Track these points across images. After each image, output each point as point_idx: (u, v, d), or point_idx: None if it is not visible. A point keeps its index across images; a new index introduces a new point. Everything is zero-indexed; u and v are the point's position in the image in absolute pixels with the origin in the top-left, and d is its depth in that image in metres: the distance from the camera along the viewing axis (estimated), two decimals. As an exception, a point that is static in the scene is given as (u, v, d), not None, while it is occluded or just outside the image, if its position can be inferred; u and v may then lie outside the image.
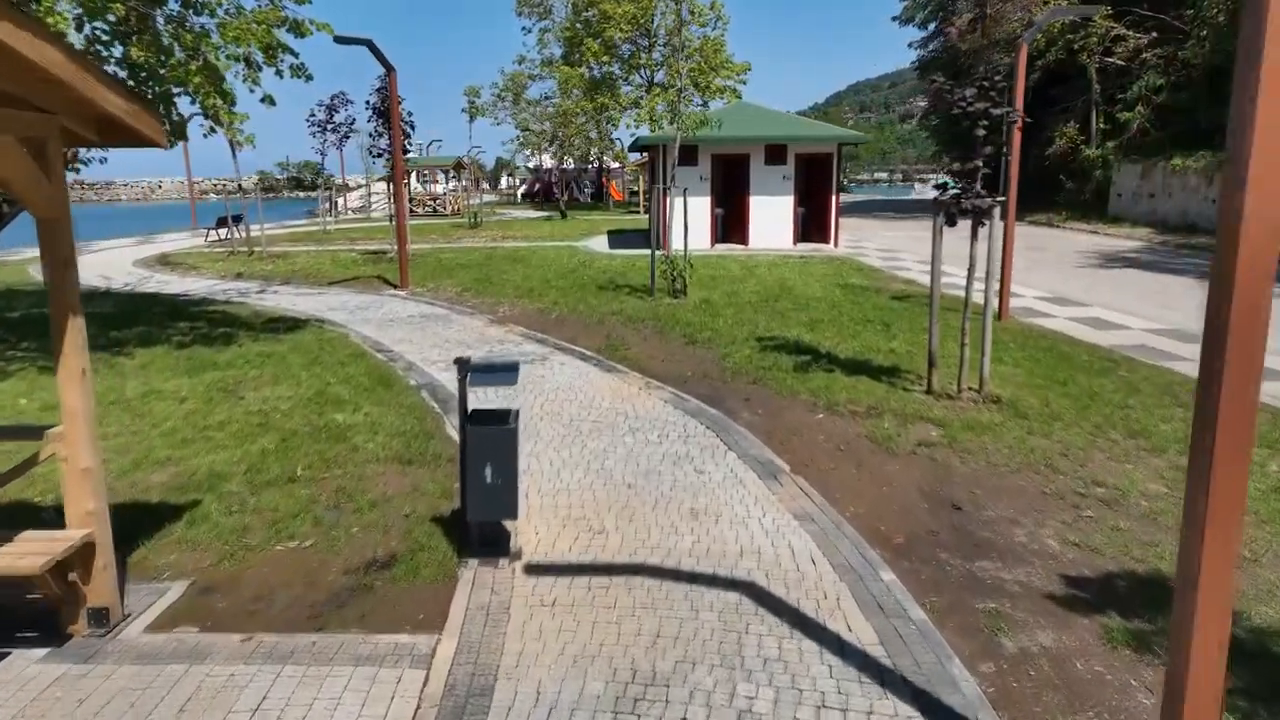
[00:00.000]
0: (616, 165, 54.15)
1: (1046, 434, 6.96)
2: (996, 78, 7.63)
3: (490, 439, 4.69)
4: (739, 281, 15.87)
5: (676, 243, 14.42)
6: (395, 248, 20.69)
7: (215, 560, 4.86)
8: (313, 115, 26.46)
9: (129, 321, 12.18)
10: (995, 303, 12.33)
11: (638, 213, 41.51)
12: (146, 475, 6.15)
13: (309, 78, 10.84)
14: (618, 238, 26.56)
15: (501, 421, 4.79)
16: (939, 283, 8.19)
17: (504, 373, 4.85)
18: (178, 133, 10.37)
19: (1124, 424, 7.20)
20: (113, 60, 9.57)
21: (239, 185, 22.32)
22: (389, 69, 15.09)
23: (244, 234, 23.13)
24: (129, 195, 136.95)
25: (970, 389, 8.00)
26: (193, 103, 9.51)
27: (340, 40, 14.13)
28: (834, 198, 21.91)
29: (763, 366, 9.34)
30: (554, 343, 10.90)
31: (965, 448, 6.65)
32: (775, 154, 21.57)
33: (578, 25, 47.25)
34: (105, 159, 10.60)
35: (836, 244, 22.10)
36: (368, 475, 6.17)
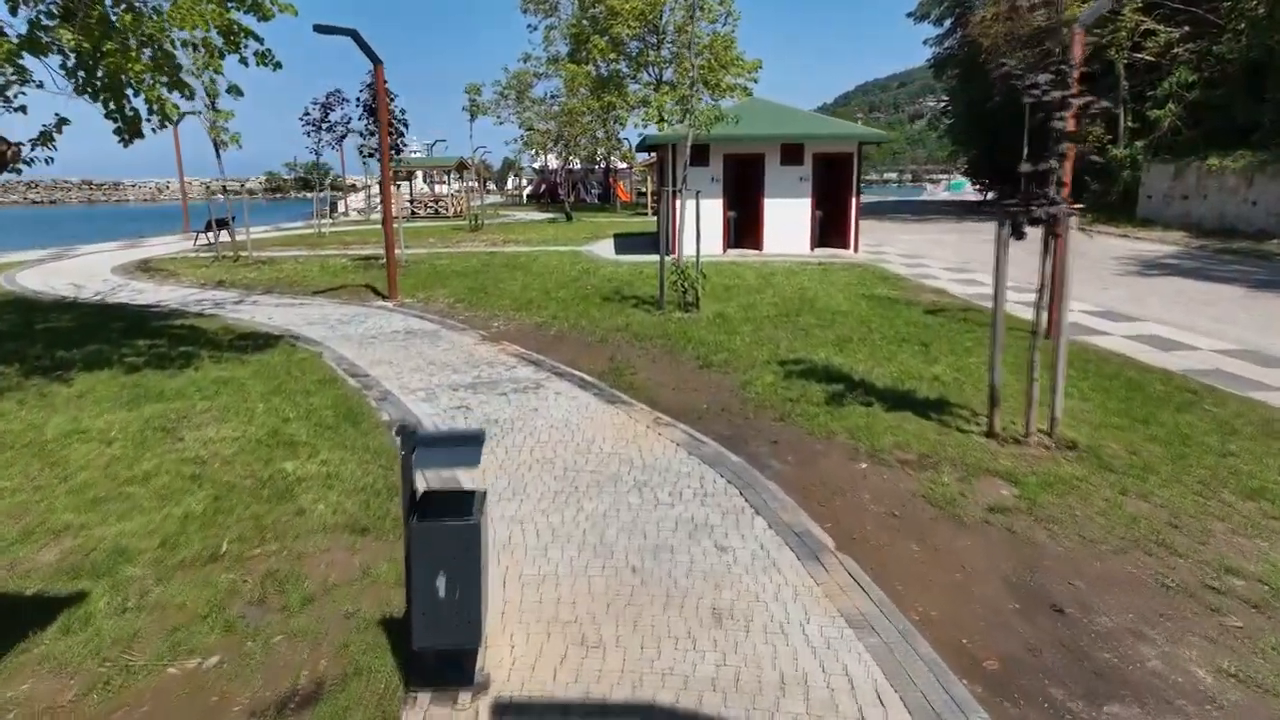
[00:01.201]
0: (624, 166, 52.98)
1: (1144, 494, 5.70)
2: (1068, 64, 6.37)
3: (444, 539, 3.45)
4: (755, 292, 14.62)
5: (687, 249, 13.19)
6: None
7: (81, 691, 3.65)
8: (307, 114, 25.34)
9: (83, 339, 11.00)
10: (1044, 318, 11.04)
11: (645, 214, 40.29)
12: (34, 552, 4.94)
13: (277, 65, 9.63)
14: (624, 242, 25.34)
15: (460, 512, 3.54)
16: (1003, 305, 6.91)
17: (463, 448, 3.59)
18: (130, 130, 9.17)
19: (1234, 480, 5.92)
20: (59, 47, 8.41)
21: (223, 186, 21.18)
22: (376, 61, 13.91)
23: (232, 238, 21.95)
24: (136, 196, 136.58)
25: (1040, 431, 6.74)
26: (135, 94, 8.31)
27: (321, 30, 12.98)
28: (854, 200, 20.64)
29: (789, 398, 8.09)
30: (550, 366, 9.67)
31: (1049, 515, 5.39)
32: (792, 154, 20.31)
33: (584, 22, 46.05)
34: (51, 159, 9.39)
35: (857, 249, 20.83)
36: (309, 552, 4.94)
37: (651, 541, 5.06)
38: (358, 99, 19.69)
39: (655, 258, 19.91)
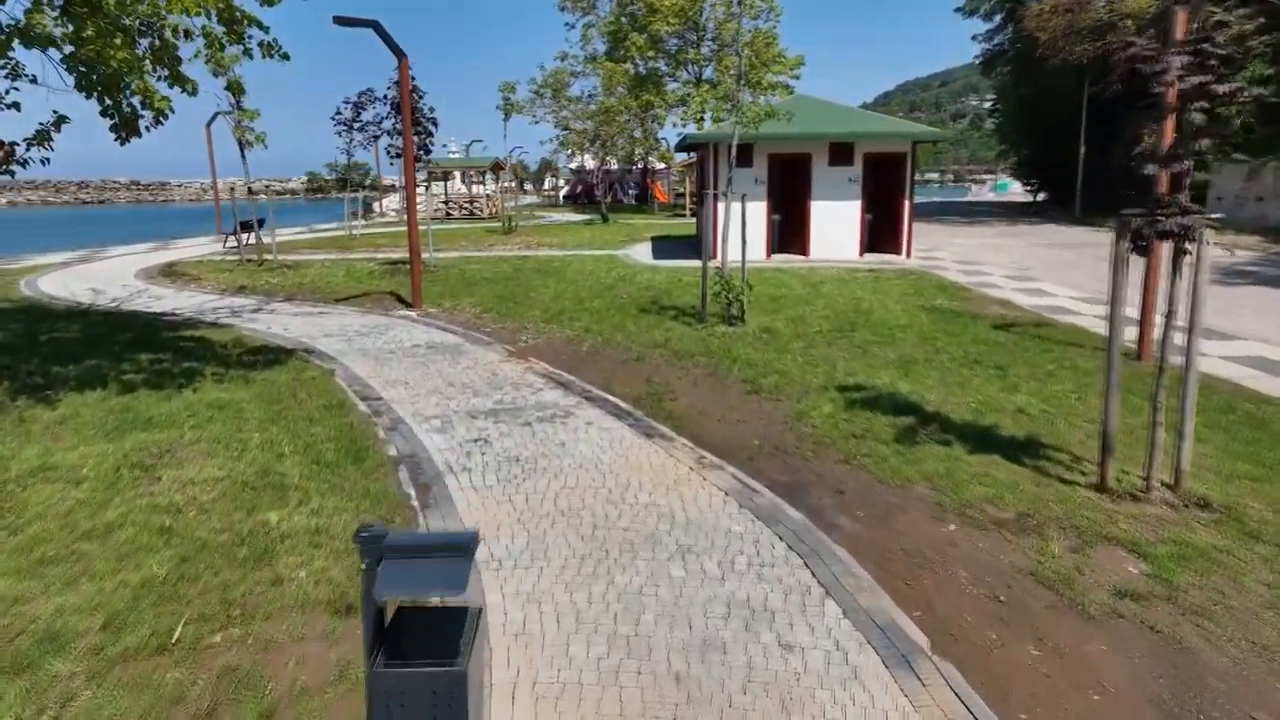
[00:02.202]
0: (662, 166, 51.99)
1: (1311, 575, 4.58)
2: (1216, 42, 5.26)
3: (420, 691, 2.47)
4: (804, 303, 13.54)
5: (729, 254, 12.14)
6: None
7: None
8: (338, 113, 24.68)
9: (85, 352, 10.29)
10: (1125, 335, 9.84)
11: (684, 216, 39.29)
12: (-50, 634, 4.09)
13: (284, 57, 8.84)
14: (662, 246, 24.35)
15: (445, 654, 2.54)
16: (1119, 335, 5.80)
17: (446, 563, 2.57)
18: (126, 128, 8.40)
19: None
20: (49, 38, 7.64)
21: (248, 188, 20.57)
22: (400, 55, 13.08)
23: (261, 240, 21.34)
24: (182, 196, 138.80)
25: (1161, 484, 5.62)
26: (123, 88, 7.51)
27: (342, 22, 12.17)
28: (907, 203, 19.43)
29: (853, 433, 7.05)
30: (581, 389, 8.72)
31: (1196, 605, 4.30)
32: (840, 153, 19.17)
33: (622, 19, 45.14)
34: (48, 160, 8.67)
35: (909, 255, 19.62)
36: (279, 640, 4.04)
37: (698, 635, 4.07)
38: (384, 96, 18.94)
39: (695, 263, 18.90)
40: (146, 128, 8.05)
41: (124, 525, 5.25)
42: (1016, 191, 78.92)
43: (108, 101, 8.17)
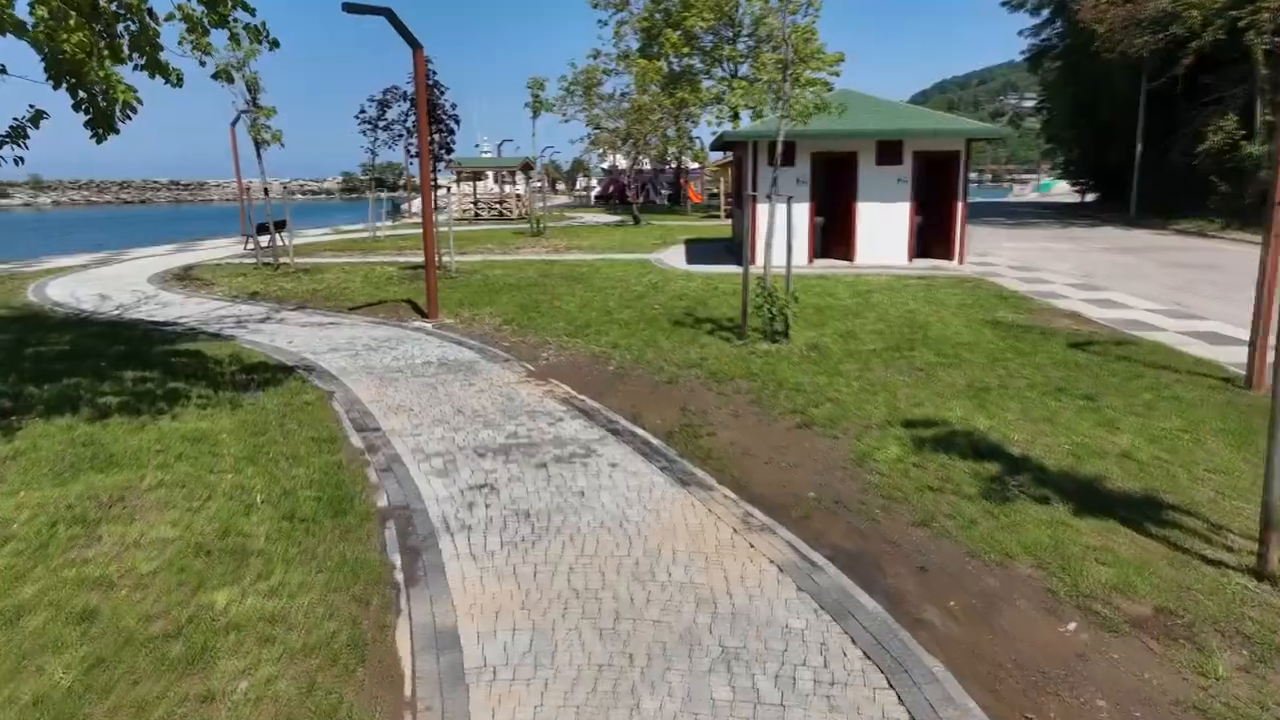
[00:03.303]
0: (695, 166, 50.87)
1: None
2: None
3: None
4: (853, 315, 12.35)
5: (770, 260, 10.93)
6: (440, 259, 17.85)
7: None
8: (362, 112, 23.87)
9: (69, 368, 9.43)
10: (1223, 355, 8.51)
11: (718, 218, 38.12)
12: None
13: (274, 44, 7.84)
14: (697, 249, 23.23)
15: None
16: (1285, 378, 4.57)
17: None
18: (100, 123, 7.46)
19: None
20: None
21: (264, 189, 19.76)
22: (414, 46, 12.10)
23: (278, 243, 20.53)
24: (220, 196, 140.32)
25: (1338, 569, 4.40)
26: (72, 80, 6.55)
27: (351, 9, 11.22)
28: (960, 205, 18.12)
29: (928, 484, 5.90)
30: (606, 419, 7.65)
31: None
32: (889, 152, 17.90)
33: (656, 15, 44.13)
34: (22, 159, 7.77)
35: (962, 261, 18.30)
36: (190, 800, 3.01)
37: (755, 807, 2.98)
38: (407, 94, 18.02)
39: (731, 269, 17.78)
40: (120, 124, 7.08)
41: (39, 607, 4.26)
42: (1060, 191, 76.64)
43: (81, 94, 7.28)
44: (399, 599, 4.47)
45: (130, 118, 7.04)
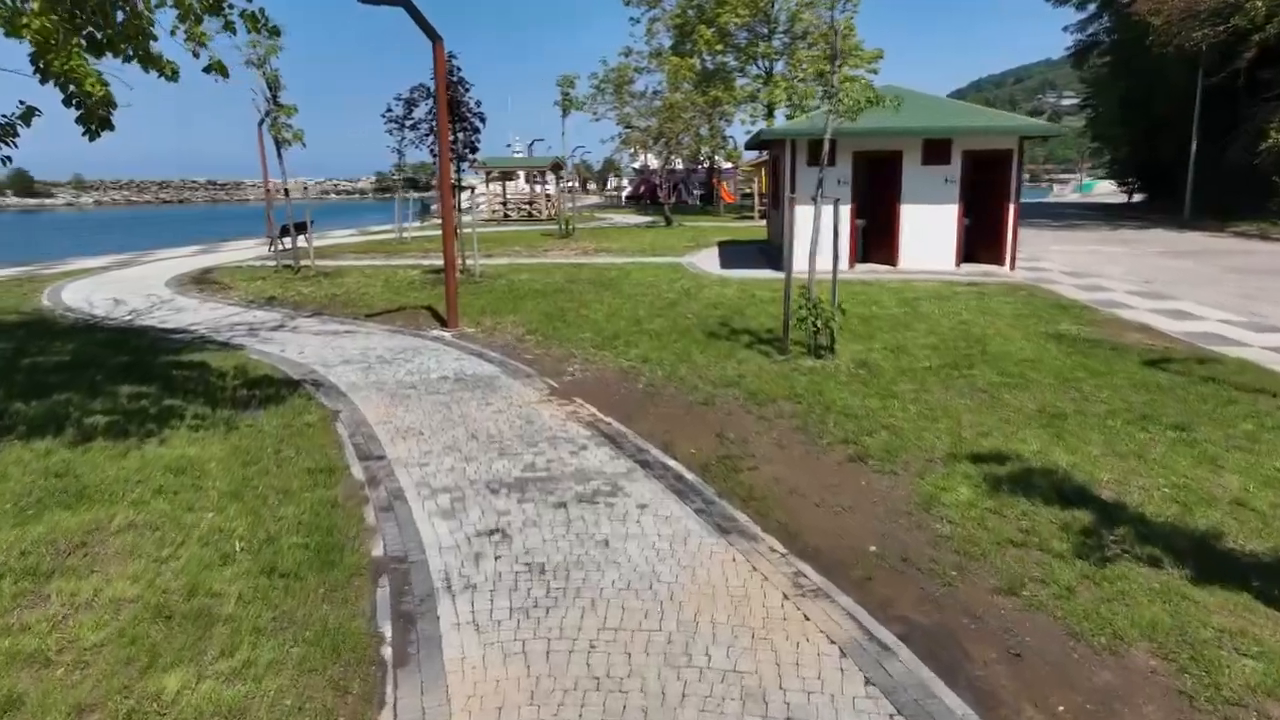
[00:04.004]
0: (728, 166, 49.95)
1: None
2: None
3: None
4: (902, 326, 11.46)
5: (804, 263, 10.03)
6: (464, 263, 17.20)
7: None
8: (389, 110, 23.32)
9: (64, 380, 8.86)
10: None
11: (752, 219, 37.18)
12: None
13: (274, 32, 7.18)
14: (731, 252, 22.37)
15: None
16: None
17: None
18: (91, 118, 6.83)
19: None
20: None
21: (284, 189, 19.22)
22: (434, 39, 11.41)
23: (298, 245, 19.99)
24: (255, 196, 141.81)
25: None
26: (38, 71, 5.90)
27: (369, 0, 10.55)
28: (1011, 207, 17.10)
29: (1009, 537, 5.05)
30: (635, 446, 6.88)
31: None
32: (936, 151, 16.93)
33: (689, 12, 43.27)
34: (9, 159, 7.18)
35: (1013, 266, 17.27)
36: None
37: None
38: (427, 89, 17.35)
39: (768, 274, 16.93)
40: (85, 127, 6.43)
41: (-46, 694, 3.58)
42: (1102, 192, 74.60)
43: (71, 88, 6.65)
44: (384, 684, 3.73)
45: (110, 113, 6.39)
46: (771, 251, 20.77)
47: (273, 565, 4.76)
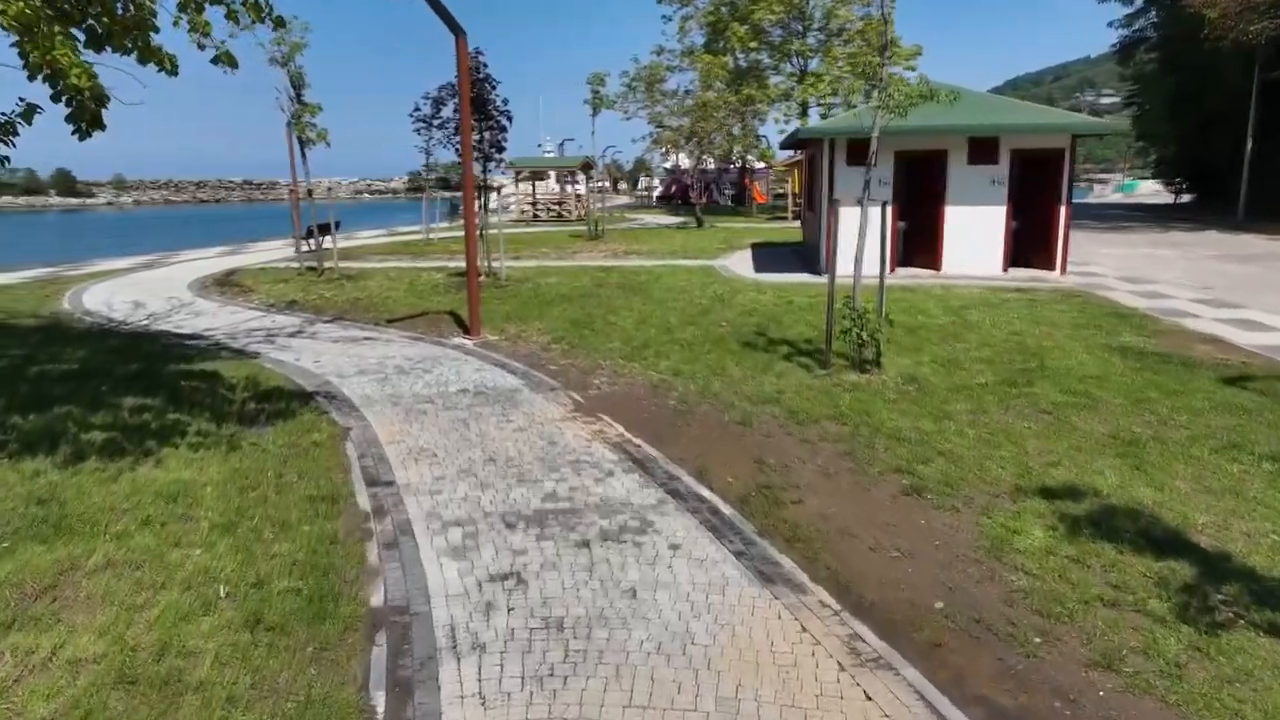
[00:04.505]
0: (761, 166, 49.14)
1: None
2: None
3: None
4: (952, 337, 10.75)
5: (846, 268, 9.33)
6: (489, 265, 16.72)
7: None
8: (417, 109, 22.92)
9: (69, 390, 8.45)
10: None
11: (785, 219, 36.38)
12: None
13: (278, 22, 6.67)
14: (765, 255, 21.69)
15: None
16: None
17: None
18: (82, 116, 6.38)
19: None
20: None
21: (308, 190, 18.89)
22: (457, 33, 10.90)
23: (317, 247, 19.60)
24: (290, 195, 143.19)
25: None
26: (26, 67, 5.44)
27: (388, -9, 10.00)
28: (1063, 209, 16.25)
29: (1098, 594, 4.38)
30: (665, 473, 6.29)
31: None
32: (982, 150, 16.13)
33: (722, 9, 42.56)
34: (7, 159, 6.77)
35: (1064, 271, 16.42)
36: None
37: None
38: (452, 86, 16.88)
39: (804, 279, 16.25)
40: (72, 124, 5.96)
41: (-122, 779, 3.07)
42: (1145, 192, 72.59)
43: (60, 84, 6.20)
44: (372, 778, 3.17)
45: (101, 110, 5.92)
46: (807, 254, 20.07)
47: (258, 615, 4.23)
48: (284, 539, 5.15)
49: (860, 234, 8.87)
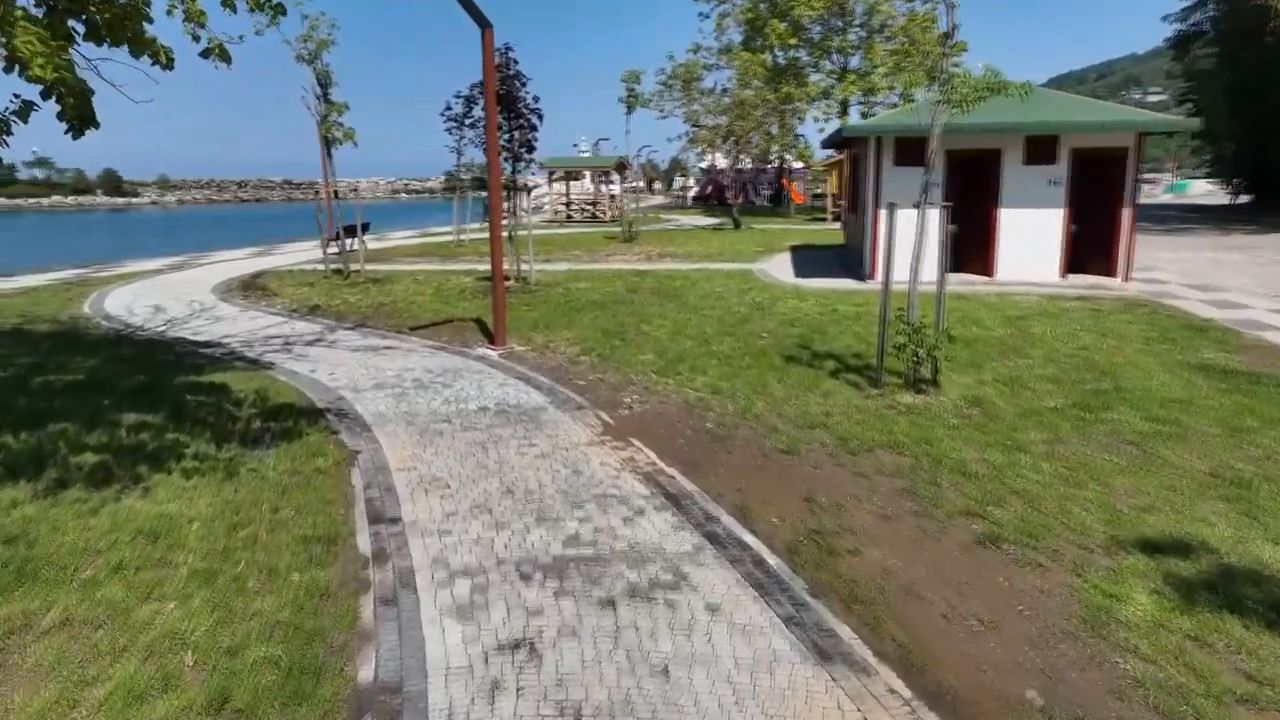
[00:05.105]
0: (799, 165, 48.15)
1: None
2: None
3: None
4: (1012, 351, 9.91)
5: (899, 276, 8.56)
6: (518, 269, 16.14)
7: None
8: (448, 109, 22.42)
9: (67, 406, 7.98)
10: None
11: (824, 221, 35.44)
12: None
13: (278, 9, 6.07)
14: (805, 258, 20.87)
15: None
16: None
17: None
18: (72, 111, 5.85)
19: None
20: None
21: (334, 191, 18.47)
22: (483, 25, 10.28)
23: (342, 250, 19.14)
24: (328, 195, 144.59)
25: None
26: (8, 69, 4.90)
27: (410, -19, 9.41)
28: (1127, 212, 15.25)
29: (1228, 687, 3.61)
30: (703, 513, 5.59)
31: None
32: (1040, 149, 15.19)
33: (761, 6, 41.68)
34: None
35: (1128, 278, 15.41)
36: None
37: None
38: (498, 91, 16.31)
39: (848, 284, 15.44)
40: (64, 124, 5.43)
41: None
42: (1197, 192, 70.18)
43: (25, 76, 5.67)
44: None
45: (81, 103, 5.37)
46: (849, 258, 19.24)
47: (226, 694, 3.61)
48: (270, 591, 4.53)
49: (917, 240, 8.09)
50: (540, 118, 15.48)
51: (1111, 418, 7.36)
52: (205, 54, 6.01)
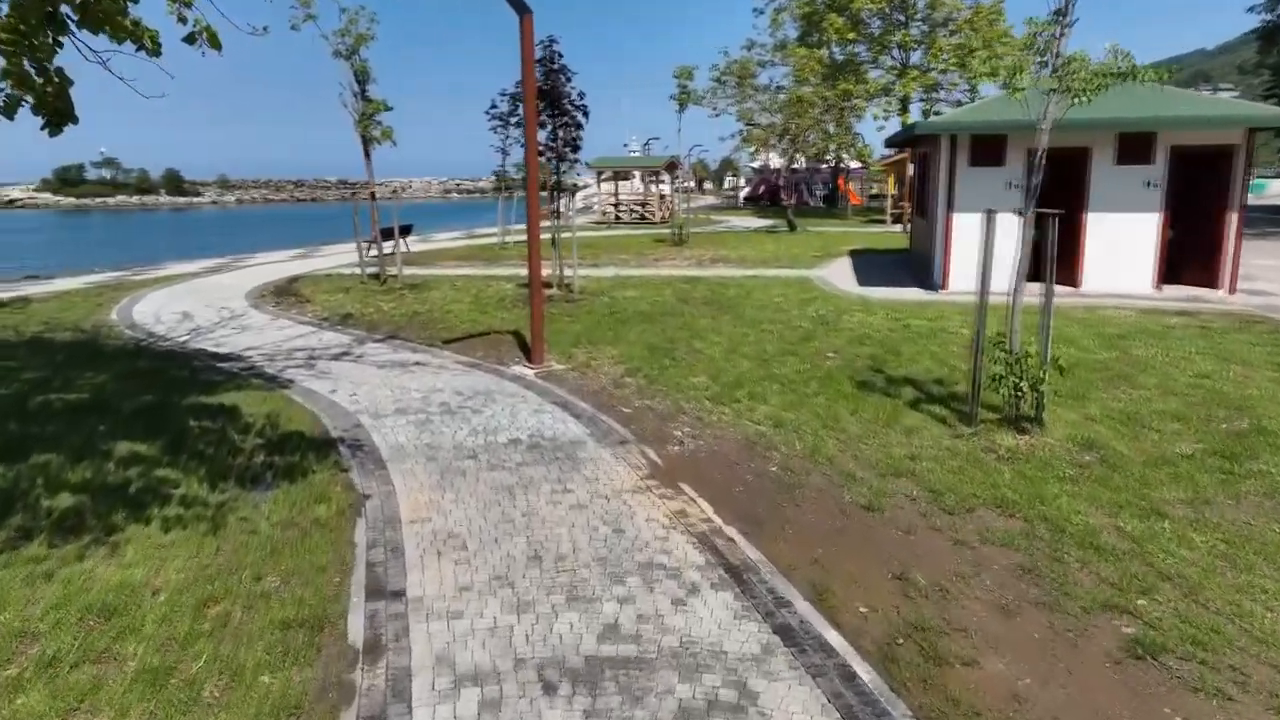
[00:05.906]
0: (856, 165, 46.58)
1: None
2: None
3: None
4: (1119, 378, 8.65)
5: (959, 282, 7.33)
6: (560, 274, 15.20)
7: None
8: (493, 107, 21.61)
9: (57, 433, 7.24)
10: None
11: (882, 223, 33.93)
12: None
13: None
14: (866, 264, 19.59)
15: None
16: None
17: None
18: (45, 105, 5.03)
19: None
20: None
21: (371, 193, 17.72)
22: (522, 11, 9.33)
23: (379, 254, 18.39)
24: (382, 194, 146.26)
25: None
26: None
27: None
28: (1234, 216, 13.75)
29: None
30: (771, 595, 4.53)
31: None
32: (1134, 147, 13.77)
33: (819, 1, 40.23)
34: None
35: (1233, 289, 13.90)
36: None
37: None
38: (541, 88, 15.39)
39: (917, 294, 14.19)
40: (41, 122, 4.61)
41: None
42: (1275, 193, 66.59)
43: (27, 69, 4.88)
44: None
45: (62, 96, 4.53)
46: (916, 266, 17.92)
47: None
48: (228, 703, 3.60)
49: (1020, 256, 6.94)
50: (586, 114, 14.49)
51: (1261, 469, 6.11)
52: (190, 39, 5.13)
